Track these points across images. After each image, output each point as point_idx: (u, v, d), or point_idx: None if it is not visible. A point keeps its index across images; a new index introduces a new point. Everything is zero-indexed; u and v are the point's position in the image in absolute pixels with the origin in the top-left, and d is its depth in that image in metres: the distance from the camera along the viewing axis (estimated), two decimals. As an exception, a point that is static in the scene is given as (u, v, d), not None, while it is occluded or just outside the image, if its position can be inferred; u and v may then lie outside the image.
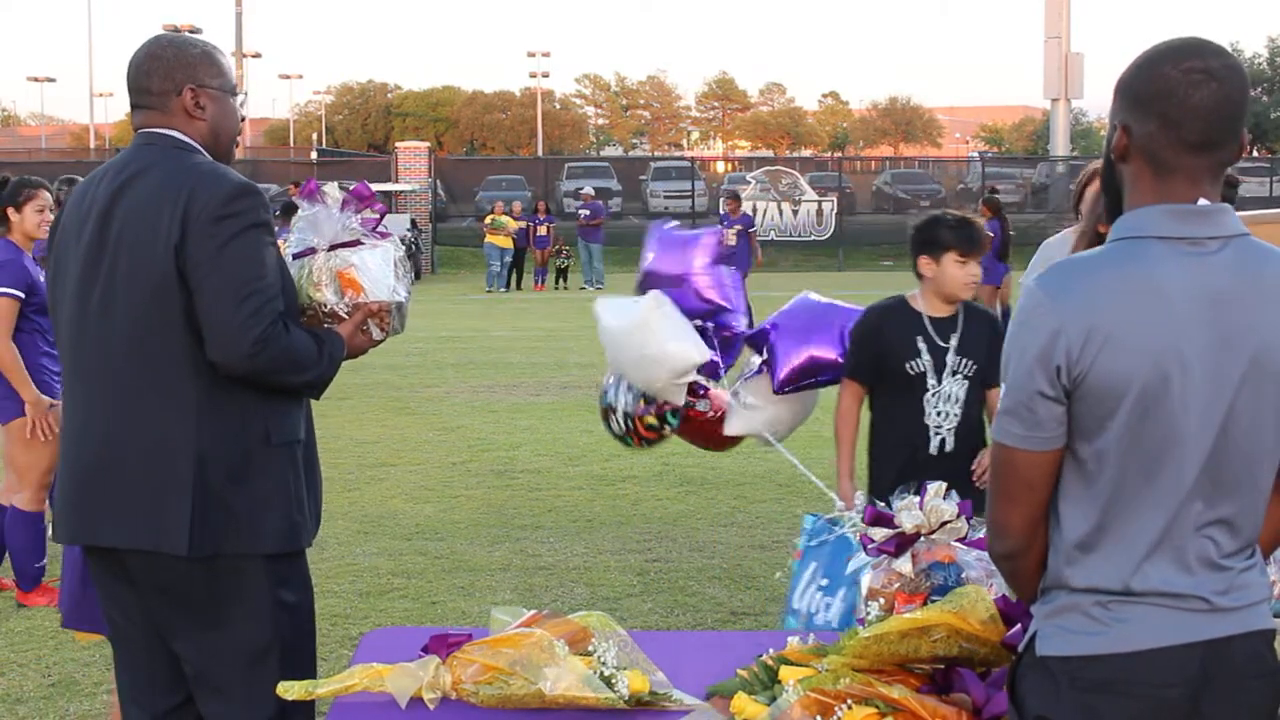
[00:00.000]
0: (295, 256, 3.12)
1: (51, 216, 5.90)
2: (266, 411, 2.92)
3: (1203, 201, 2.03)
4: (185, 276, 2.81)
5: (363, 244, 3.10)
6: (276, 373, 2.87)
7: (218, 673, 2.92)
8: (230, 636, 2.91)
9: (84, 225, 2.94)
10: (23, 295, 5.66)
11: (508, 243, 27.70)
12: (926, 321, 4.28)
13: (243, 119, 3.17)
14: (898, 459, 4.25)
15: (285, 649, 2.94)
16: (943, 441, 4.19)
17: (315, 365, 2.94)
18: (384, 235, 3.16)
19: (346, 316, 3.07)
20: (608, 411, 4.48)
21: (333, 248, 3.09)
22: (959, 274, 4.24)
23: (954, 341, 4.24)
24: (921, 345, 4.24)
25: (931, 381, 4.23)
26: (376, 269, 3.10)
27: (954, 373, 4.23)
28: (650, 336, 4.22)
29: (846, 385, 4.47)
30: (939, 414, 4.22)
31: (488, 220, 28.24)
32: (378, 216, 3.15)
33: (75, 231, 2.97)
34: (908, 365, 4.26)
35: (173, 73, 2.99)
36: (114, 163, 3.02)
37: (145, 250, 2.83)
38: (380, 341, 3.16)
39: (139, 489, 2.86)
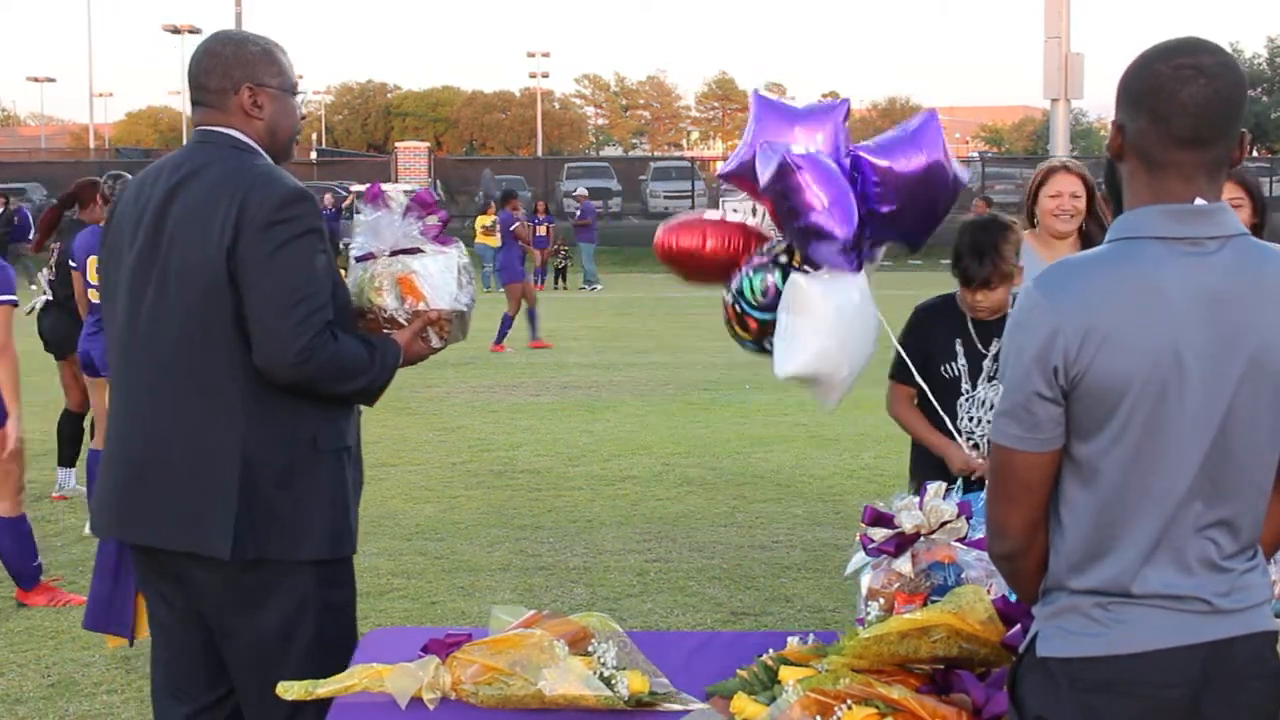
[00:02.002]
0: (357, 260, 3.11)
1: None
2: (315, 417, 2.91)
3: (1200, 201, 2.03)
4: (236, 280, 2.80)
5: (424, 251, 3.08)
6: (322, 381, 2.86)
7: (261, 672, 2.91)
8: (274, 638, 2.91)
9: (139, 221, 2.93)
10: None
11: (497, 242, 27.75)
12: (969, 324, 4.18)
13: (303, 117, 3.15)
14: (934, 459, 4.19)
15: (326, 649, 2.95)
16: (975, 446, 4.14)
17: (366, 373, 2.92)
18: (447, 242, 3.13)
19: (406, 323, 3.05)
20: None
21: (394, 253, 3.06)
22: (965, 295, 4.15)
23: (994, 348, 4.14)
24: (959, 348, 4.16)
25: (966, 386, 4.16)
26: (438, 276, 3.08)
27: (990, 378, 4.14)
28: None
29: (894, 388, 4.33)
30: (971, 419, 4.15)
31: (478, 222, 28.30)
32: (440, 224, 3.12)
33: (131, 227, 2.96)
34: (943, 368, 4.18)
35: (230, 71, 2.97)
36: (170, 159, 3.01)
37: (197, 251, 2.83)
38: (440, 349, 3.14)
39: (184, 491, 2.87)
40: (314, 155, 45.42)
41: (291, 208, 2.83)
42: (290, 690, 2.66)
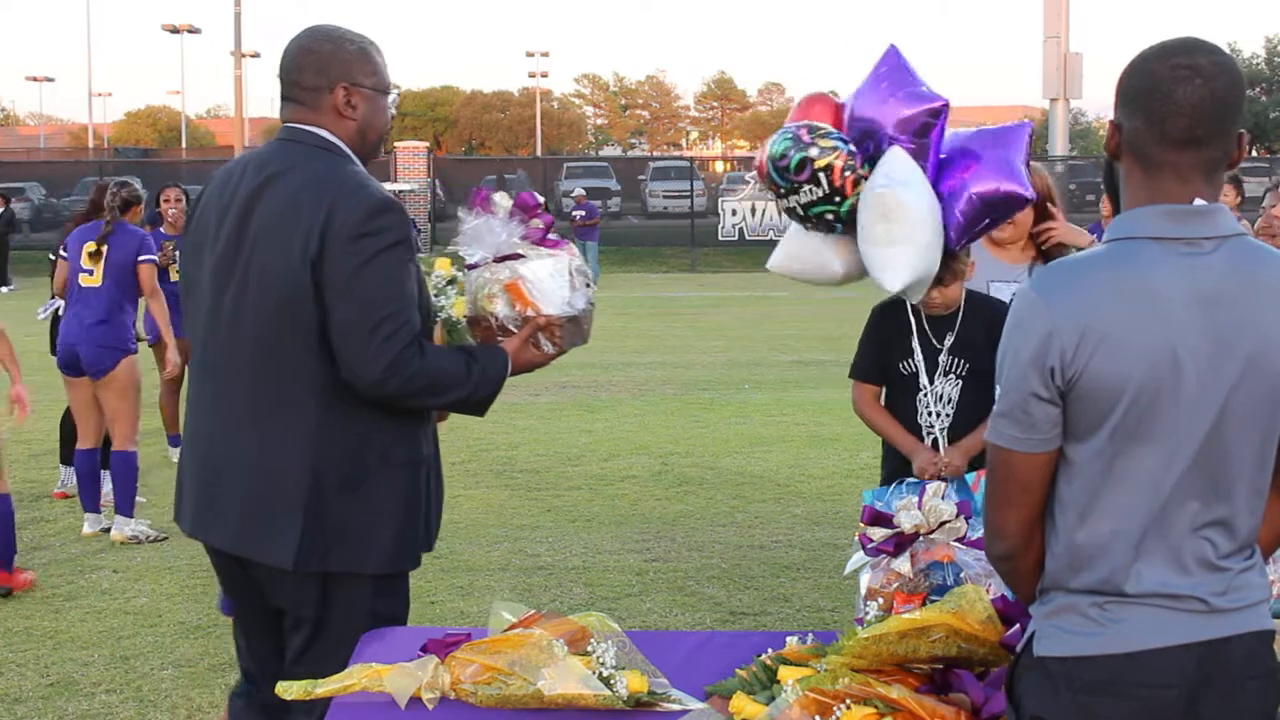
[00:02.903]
0: (469, 267, 3.07)
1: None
2: (389, 430, 2.88)
3: (1199, 201, 2.03)
4: (321, 291, 2.76)
5: (528, 256, 3.02)
6: (412, 396, 2.83)
7: (314, 673, 2.91)
8: (331, 644, 2.92)
9: (223, 219, 2.90)
10: None
11: None
12: (924, 320, 4.21)
13: (393, 115, 3.10)
14: (900, 456, 4.23)
15: None
16: (935, 441, 4.16)
17: (462, 385, 2.89)
18: (557, 245, 3.07)
19: (517, 330, 3.01)
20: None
21: (498, 259, 3.02)
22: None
23: (949, 341, 4.18)
24: (915, 345, 4.20)
25: (923, 381, 4.18)
26: (548, 281, 3.02)
27: (946, 373, 4.16)
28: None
29: (855, 386, 4.39)
30: (931, 414, 4.18)
31: None
32: (544, 227, 3.07)
33: (214, 225, 2.92)
34: (900, 365, 4.21)
35: (327, 69, 2.93)
36: (255, 156, 2.97)
37: (280, 256, 2.79)
38: (555, 355, 3.08)
39: (254, 498, 2.86)
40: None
41: (380, 219, 2.79)
42: (290, 690, 2.66)
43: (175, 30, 63.87)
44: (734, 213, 33.55)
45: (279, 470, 2.84)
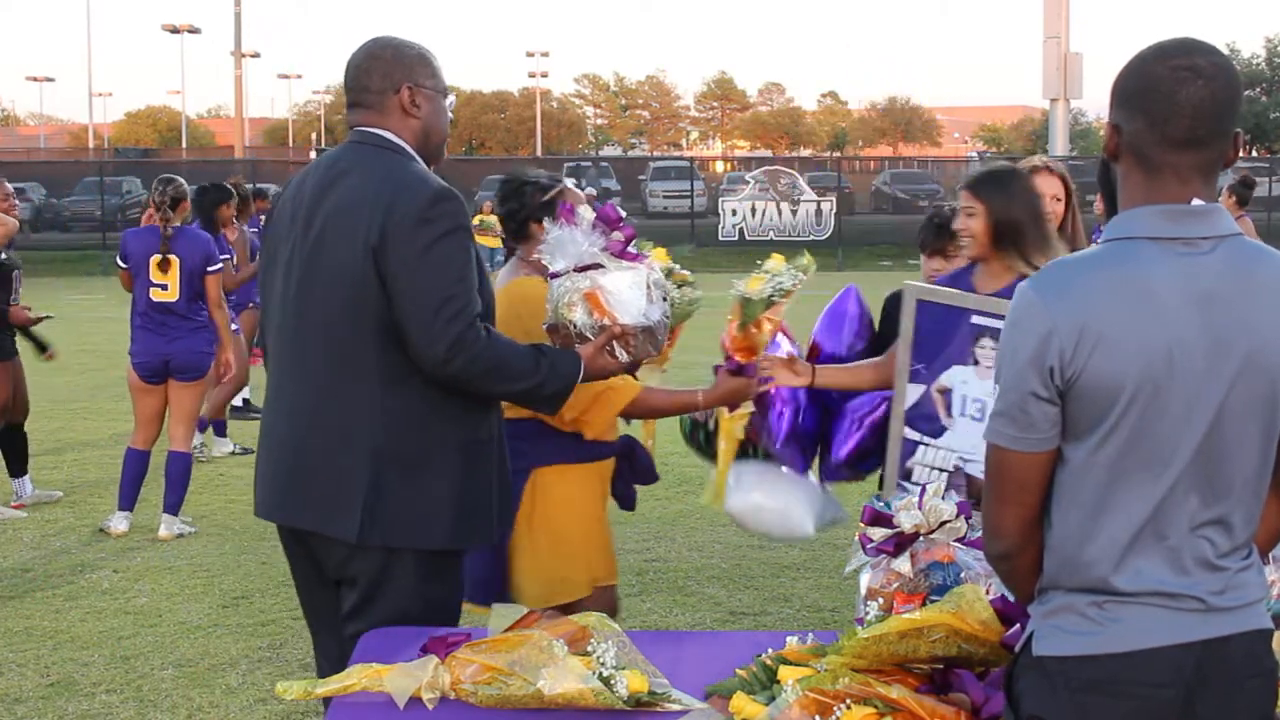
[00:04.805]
0: (551, 276, 3.20)
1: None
2: (453, 413, 3.00)
3: (1196, 201, 2.03)
4: (384, 279, 2.89)
5: (608, 267, 3.14)
6: (476, 378, 2.94)
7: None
8: (375, 616, 3.00)
9: (295, 216, 3.06)
10: None
11: (496, 243, 27.83)
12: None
13: (451, 121, 3.26)
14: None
15: None
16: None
17: (529, 376, 3.00)
18: (636, 257, 3.20)
19: (593, 338, 3.13)
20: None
21: (579, 269, 3.13)
22: (924, 268, 4.30)
23: None
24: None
25: None
26: (626, 292, 3.14)
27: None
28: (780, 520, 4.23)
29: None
30: None
31: (476, 220, 28.33)
32: (624, 239, 3.20)
33: (288, 223, 3.09)
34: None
35: (391, 72, 3.08)
36: (326, 157, 3.15)
37: (345, 249, 2.93)
38: (628, 364, 3.20)
39: (320, 478, 3.00)
40: (313, 155, 45.41)
41: (439, 206, 2.93)
42: (290, 690, 2.66)
43: (175, 30, 63.94)
44: (734, 213, 33.51)
45: (343, 450, 2.98)
